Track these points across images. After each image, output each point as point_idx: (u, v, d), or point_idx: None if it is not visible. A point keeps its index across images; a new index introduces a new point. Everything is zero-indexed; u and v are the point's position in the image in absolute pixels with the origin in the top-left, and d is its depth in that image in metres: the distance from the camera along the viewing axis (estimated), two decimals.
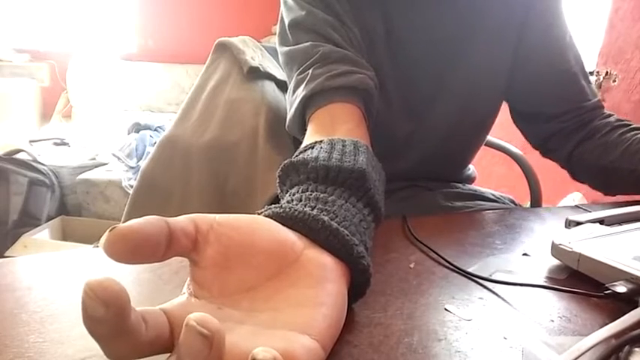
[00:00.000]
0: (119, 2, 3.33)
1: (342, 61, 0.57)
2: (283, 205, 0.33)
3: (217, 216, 0.28)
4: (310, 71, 0.56)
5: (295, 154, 0.41)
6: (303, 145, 0.44)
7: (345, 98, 0.54)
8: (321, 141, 0.42)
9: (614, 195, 0.69)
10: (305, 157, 0.39)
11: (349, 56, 0.58)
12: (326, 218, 0.32)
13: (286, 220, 0.31)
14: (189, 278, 0.27)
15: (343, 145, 0.41)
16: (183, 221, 0.26)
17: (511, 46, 0.70)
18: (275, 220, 0.31)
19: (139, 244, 0.23)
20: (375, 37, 0.65)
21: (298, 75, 0.58)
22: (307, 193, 0.35)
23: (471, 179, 0.86)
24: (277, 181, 0.41)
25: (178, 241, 0.25)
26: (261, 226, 0.29)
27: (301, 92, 0.56)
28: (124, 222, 0.24)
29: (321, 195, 0.35)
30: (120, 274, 0.38)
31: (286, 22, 0.63)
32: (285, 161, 0.40)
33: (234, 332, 0.24)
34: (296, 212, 0.32)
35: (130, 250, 0.23)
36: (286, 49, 0.62)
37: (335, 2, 0.61)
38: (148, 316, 0.22)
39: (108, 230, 0.22)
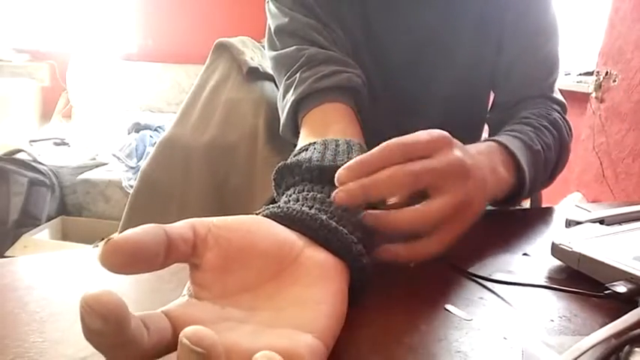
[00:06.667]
0: (119, 2, 3.33)
1: (328, 62, 0.57)
2: (281, 205, 0.33)
3: (215, 219, 0.28)
4: (298, 75, 0.57)
5: (290, 157, 0.41)
6: (297, 148, 0.44)
7: (335, 98, 0.54)
8: (314, 142, 0.42)
9: None
10: (299, 158, 0.39)
11: (335, 56, 0.58)
12: (324, 217, 0.32)
13: (285, 219, 0.32)
14: (189, 281, 0.27)
15: (336, 145, 0.41)
16: (181, 227, 0.26)
17: (494, 40, 0.68)
18: (273, 219, 0.31)
19: (136, 256, 0.23)
20: (356, 43, 0.65)
21: (286, 80, 0.58)
22: (304, 194, 0.36)
23: None
24: (273, 183, 0.41)
25: (177, 248, 0.25)
26: (259, 227, 0.29)
27: (291, 97, 0.56)
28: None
29: (318, 195, 0.35)
30: (119, 275, 0.38)
31: (272, 28, 0.63)
32: (280, 164, 0.40)
33: (236, 331, 0.24)
34: (294, 212, 0.32)
35: (127, 262, 0.22)
36: (274, 53, 0.62)
37: (315, 6, 0.61)
38: (149, 321, 0.22)
39: (104, 242, 0.22)
